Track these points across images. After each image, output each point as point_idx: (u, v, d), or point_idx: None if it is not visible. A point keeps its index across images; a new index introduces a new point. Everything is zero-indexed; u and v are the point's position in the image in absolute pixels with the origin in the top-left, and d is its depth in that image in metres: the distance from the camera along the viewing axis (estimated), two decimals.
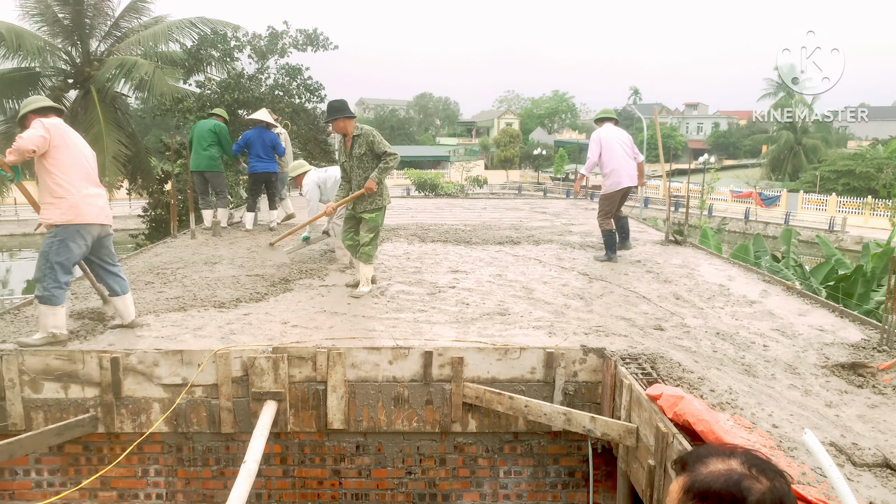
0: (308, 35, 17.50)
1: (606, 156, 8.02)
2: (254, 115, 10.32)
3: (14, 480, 4.92)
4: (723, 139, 79.57)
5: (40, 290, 4.77)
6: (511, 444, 5.00)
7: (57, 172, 4.73)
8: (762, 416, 3.83)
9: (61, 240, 4.74)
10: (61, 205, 4.72)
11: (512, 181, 63.43)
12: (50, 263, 4.73)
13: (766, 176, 49.04)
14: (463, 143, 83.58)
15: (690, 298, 6.49)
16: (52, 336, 4.79)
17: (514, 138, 72.60)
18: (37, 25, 16.99)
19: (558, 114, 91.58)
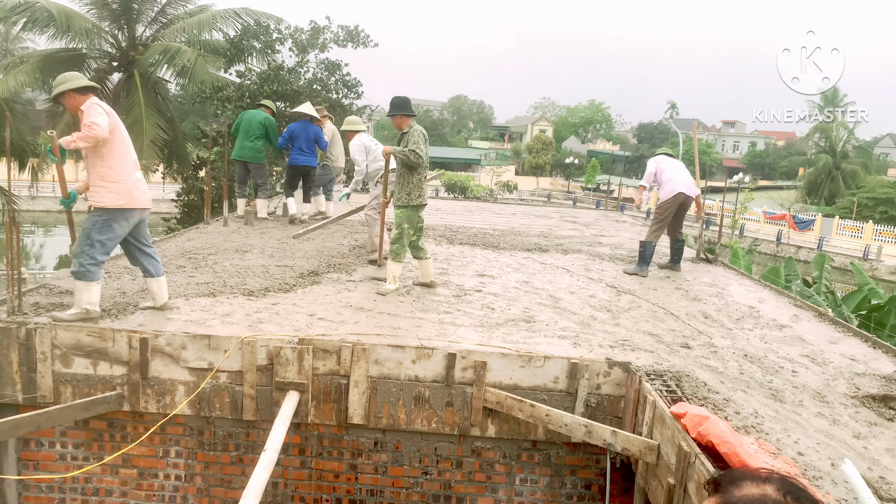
0: (349, 31, 17.63)
1: (663, 169, 8.39)
2: (298, 109, 10.42)
3: (39, 451, 5.03)
4: (759, 159, 78.51)
5: (77, 265, 4.88)
6: (529, 451, 4.98)
7: (110, 157, 4.84)
8: (788, 442, 3.77)
9: (106, 220, 4.86)
10: (114, 188, 4.84)
11: (542, 188, 63.17)
12: (91, 240, 4.85)
13: (802, 199, 48.24)
14: (495, 148, 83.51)
15: (719, 318, 6.41)
16: (86, 312, 4.89)
17: (547, 145, 72.36)
18: (86, 8, 17.35)
19: (593, 123, 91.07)
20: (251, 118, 10.15)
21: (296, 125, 10.08)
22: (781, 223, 36.75)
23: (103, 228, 4.88)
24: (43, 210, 34.46)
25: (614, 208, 20.37)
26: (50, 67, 16.64)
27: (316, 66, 17.74)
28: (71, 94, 4.88)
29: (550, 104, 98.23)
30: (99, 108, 4.79)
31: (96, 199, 4.86)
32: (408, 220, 6.52)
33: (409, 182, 6.49)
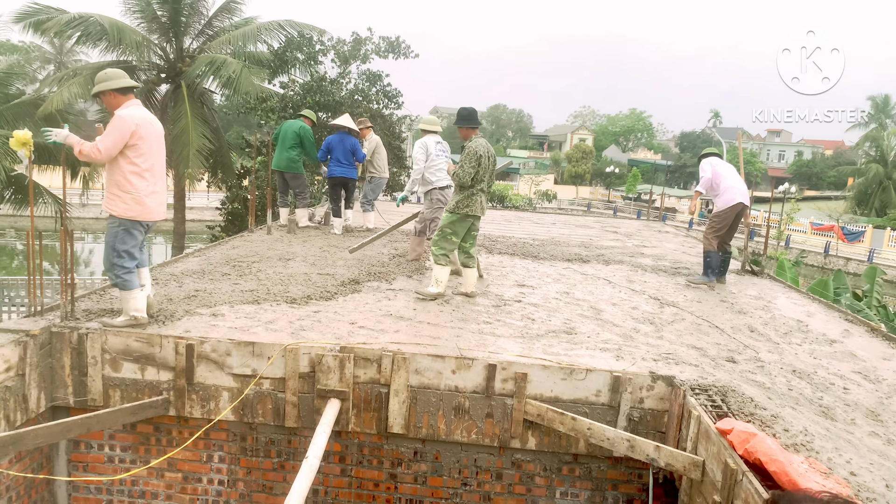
0: (390, 42, 17.83)
1: (721, 175, 8.12)
2: (336, 121, 10.54)
3: (89, 453, 5.16)
4: (805, 168, 76.68)
5: (113, 277, 4.99)
6: (570, 465, 4.93)
7: (128, 168, 4.84)
8: (839, 462, 3.65)
9: (125, 229, 4.92)
10: (127, 199, 4.86)
11: (581, 197, 62.74)
12: (117, 252, 4.92)
13: (851, 210, 46.88)
14: (534, 157, 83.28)
15: (766, 332, 6.26)
16: (134, 319, 5.01)
17: (587, 154, 71.89)
18: (137, 21, 17.89)
19: (634, 132, 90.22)
20: (287, 128, 10.33)
21: (333, 137, 10.21)
22: (829, 234, 35.80)
23: (125, 238, 4.93)
24: (93, 217, 35.46)
25: (656, 218, 20.08)
26: None
27: (357, 76, 17.98)
28: (111, 94, 4.87)
29: (591, 113, 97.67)
30: (121, 125, 4.74)
31: (109, 205, 4.90)
32: (451, 225, 6.62)
33: (460, 191, 6.62)
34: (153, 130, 4.97)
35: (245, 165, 19.08)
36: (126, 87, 4.90)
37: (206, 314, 5.51)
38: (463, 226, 6.64)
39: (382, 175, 11.18)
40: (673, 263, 9.76)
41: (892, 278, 24.37)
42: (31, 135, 4.83)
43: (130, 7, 17.61)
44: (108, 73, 4.93)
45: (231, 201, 18.39)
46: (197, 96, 18.01)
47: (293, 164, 10.31)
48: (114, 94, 4.88)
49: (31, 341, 4.68)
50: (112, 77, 4.88)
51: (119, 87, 4.87)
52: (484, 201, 6.70)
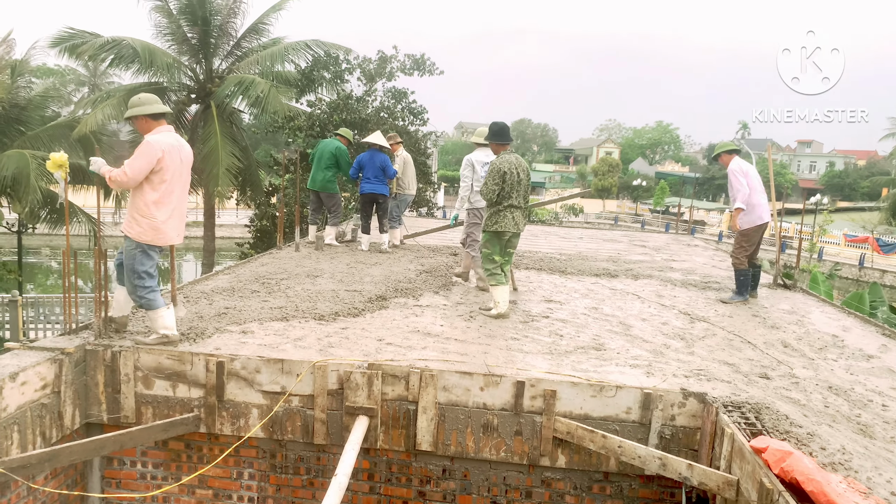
0: (415, 60, 17.98)
1: (753, 188, 7.79)
2: (367, 139, 10.64)
3: (122, 470, 5.23)
4: (838, 179, 75.38)
5: (136, 299, 5.06)
6: (601, 483, 4.86)
7: (151, 194, 4.92)
8: (879, 481, 3.55)
9: (142, 251, 5.00)
10: (143, 224, 4.94)
11: (608, 211, 62.32)
12: (137, 273, 5.00)
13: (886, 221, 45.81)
14: (559, 171, 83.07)
15: (800, 347, 6.13)
16: (165, 337, 5.07)
17: (613, 167, 71.52)
18: (167, 44, 18.32)
19: (661, 145, 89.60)
20: (324, 148, 10.45)
21: (363, 155, 10.30)
22: (864, 246, 35.06)
23: (143, 260, 5.01)
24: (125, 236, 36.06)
25: (685, 231, 19.86)
26: None
27: (383, 94, 18.14)
28: (143, 119, 4.99)
29: (616, 126, 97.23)
30: (149, 151, 4.82)
31: (127, 227, 5.00)
32: (486, 244, 6.66)
33: (489, 208, 6.65)
34: (178, 157, 5.04)
35: (273, 183, 19.33)
36: (157, 112, 5.01)
37: (236, 331, 5.57)
38: (498, 243, 6.63)
39: (409, 191, 11.24)
40: (703, 278, 9.63)
41: None
42: (66, 157, 4.96)
43: (161, 30, 18.05)
44: (141, 97, 5.04)
45: (260, 218, 18.61)
46: (226, 116, 18.34)
47: (329, 183, 10.41)
48: (146, 119, 5.00)
49: (66, 359, 4.77)
50: (145, 102, 5.00)
51: (151, 113, 4.98)
52: (518, 217, 6.62)
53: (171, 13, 18.00)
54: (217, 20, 18.41)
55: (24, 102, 17.09)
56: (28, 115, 17.08)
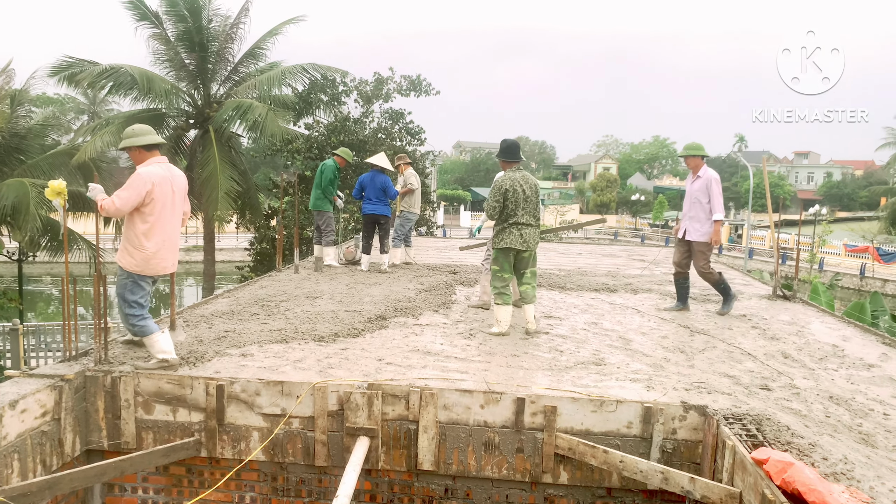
0: (412, 81, 18.14)
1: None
2: (370, 160, 10.77)
3: (123, 496, 5.20)
4: (836, 190, 75.62)
5: (129, 327, 5.12)
6: (603, 499, 4.84)
7: (141, 226, 4.98)
8: (882, 490, 3.54)
9: (133, 281, 5.08)
10: (136, 255, 5.01)
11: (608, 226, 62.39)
12: (128, 303, 5.07)
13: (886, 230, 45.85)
14: (558, 187, 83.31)
15: (800, 358, 6.13)
16: (165, 361, 5.08)
17: (612, 183, 71.75)
18: (165, 70, 18.49)
19: (658, 159, 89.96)
20: (319, 168, 10.66)
21: (365, 176, 10.42)
22: (865, 256, 35.05)
23: (133, 289, 5.08)
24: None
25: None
26: None
27: (380, 115, 18.28)
28: (137, 149, 5.05)
29: (613, 142, 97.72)
30: (138, 182, 4.86)
31: (119, 257, 5.06)
32: (495, 261, 6.69)
33: (495, 225, 6.68)
34: (169, 188, 5.09)
35: (272, 206, 19.40)
36: (151, 143, 5.05)
37: (236, 354, 5.57)
38: (506, 260, 6.61)
39: (412, 210, 11.30)
40: (702, 290, 9.64)
41: None
42: (65, 184, 4.99)
43: (159, 57, 18.23)
44: (135, 128, 5.10)
45: (259, 241, 18.67)
46: (224, 140, 18.46)
47: (318, 201, 10.57)
48: (139, 150, 5.06)
49: (66, 386, 4.77)
50: (138, 133, 5.05)
51: (144, 144, 5.04)
52: (526, 234, 6.53)
53: (168, 40, 18.18)
54: (214, 46, 18.60)
55: (23, 132, 17.19)
56: (28, 144, 17.18)
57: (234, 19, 18.70)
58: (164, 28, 18.11)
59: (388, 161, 10.83)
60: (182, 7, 17.81)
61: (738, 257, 36.55)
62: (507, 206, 6.50)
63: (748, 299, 9.15)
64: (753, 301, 9.04)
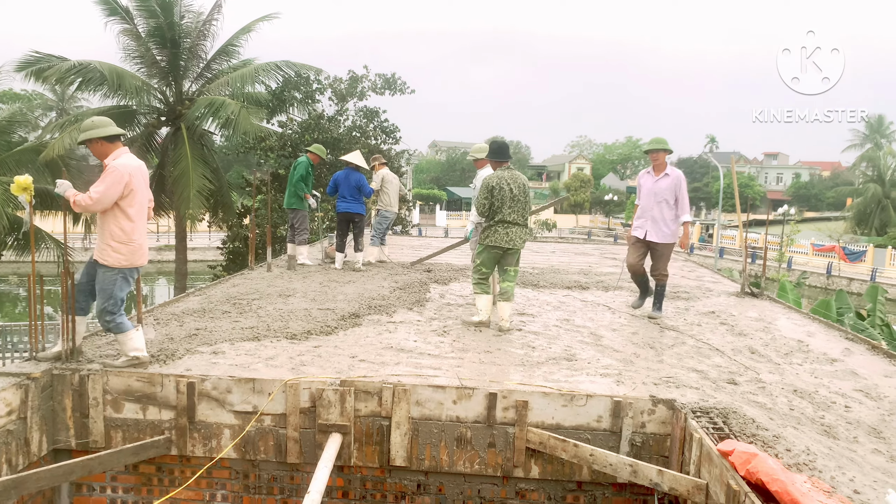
0: (386, 79, 18.12)
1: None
2: (345, 157, 10.73)
3: (91, 496, 5.13)
4: (804, 190, 77.08)
5: (107, 323, 5.02)
6: (574, 493, 4.89)
7: (123, 219, 4.92)
8: (843, 480, 3.64)
9: (123, 277, 5.02)
10: (122, 250, 4.94)
11: (581, 226, 62.93)
12: (115, 299, 5.00)
13: (851, 230, 46.95)
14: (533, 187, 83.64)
15: (766, 353, 6.26)
16: (136, 359, 5.02)
17: (585, 183, 72.26)
18: (136, 67, 18.21)
19: (631, 159, 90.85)
20: (293, 165, 10.62)
21: (339, 173, 10.40)
22: (831, 255, 35.80)
23: (122, 286, 5.04)
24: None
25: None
26: None
27: (355, 113, 18.22)
28: (99, 142, 4.91)
29: (587, 142, 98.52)
30: (117, 176, 4.79)
31: (103, 257, 4.95)
32: (478, 255, 6.83)
33: (483, 223, 6.77)
34: (142, 178, 5.06)
35: (245, 204, 19.23)
36: (113, 135, 4.95)
37: (207, 352, 5.53)
38: (489, 257, 6.72)
39: (389, 208, 11.28)
40: (672, 288, 9.77)
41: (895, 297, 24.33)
42: (31, 180, 4.91)
43: (130, 53, 17.95)
44: (94, 121, 4.98)
45: (232, 240, 18.51)
46: (197, 138, 18.25)
47: (291, 199, 10.53)
48: (101, 142, 4.92)
49: (32, 384, 4.69)
50: (99, 125, 4.93)
51: (106, 136, 4.92)
52: (512, 233, 6.57)
53: (139, 36, 17.91)
54: (187, 43, 18.37)
55: None
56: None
57: (207, 16, 18.49)
58: (135, 24, 17.82)
59: (364, 159, 10.81)
60: (153, 2, 17.54)
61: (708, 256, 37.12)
62: (493, 203, 6.54)
63: (717, 296, 9.30)
64: (722, 298, 9.20)
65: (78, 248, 25.07)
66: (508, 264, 6.77)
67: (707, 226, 53.09)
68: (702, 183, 76.34)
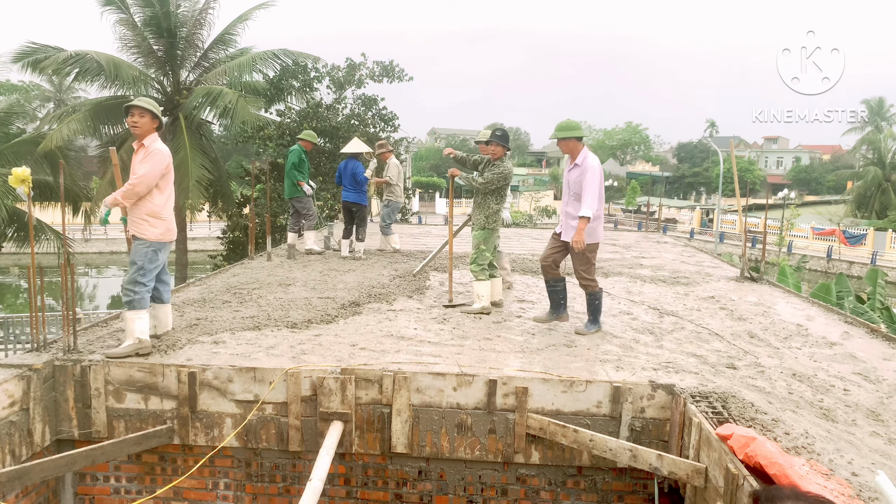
0: (384, 67, 18.03)
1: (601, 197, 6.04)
2: (344, 149, 10.74)
3: (95, 486, 5.17)
4: (804, 174, 76.90)
5: (130, 294, 5.14)
6: (574, 478, 4.93)
7: (158, 196, 5.21)
8: (841, 462, 3.66)
9: (154, 250, 5.22)
10: (158, 224, 5.21)
11: None
12: (143, 270, 5.18)
13: (851, 213, 46.88)
14: (533, 174, 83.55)
15: (765, 337, 6.28)
16: (139, 342, 5.07)
17: None
18: (133, 56, 18.11)
19: (631, 145, 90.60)
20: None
21: (342, 164, 10.43)
22: (832, 239, 35.79)
23: (152, 258, 5.23)
24: (96, 252, 35.61)
25: (656, 230, 20.11)
26: (100, 115, 17.38)
27: (353, 101, 18.14)
28: (148, 117, 5.22)
29: (586, 128, 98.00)
30: (160, 157, 5.15)
31: (141, 231, 5.19)
32: (484, 241, 6.87)
33: (487, 207, 6.83)
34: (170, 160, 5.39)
35: (244, 194, 19.20)
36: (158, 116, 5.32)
37: (208, 342, 5.55)
38: (492, 239, 6.94)
39: (397, 199, 11.29)
40: (672, 273, 9.79)
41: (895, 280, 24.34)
42: (29, 171, 4.93)
43: (126, 43, 17.84)
44: (149, 100, 5.34)
45: (232, 230, 18.49)
46: (195, 128, 18.19)
47: (291, 188, 10.46)
48: (149, 118, 5.24)
49: (34, 375, 4.72)
50: (153, 104, 5.32)
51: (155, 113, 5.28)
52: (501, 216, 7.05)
53: (135, 25, 17.80)
54: (183, 32, 18.25)
55: None
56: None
57: (203, 4, 18.36)
58: (131, 13, 17.70)
59: (362, 144, 10.77)
60: None
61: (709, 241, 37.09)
62: (505, 189, 6.87)
63: (717, 281, 9.31)
64: (722, 283, 9.21)
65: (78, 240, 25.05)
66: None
67: (707, 210, 53.06)
68: (702, 168, 76.17)
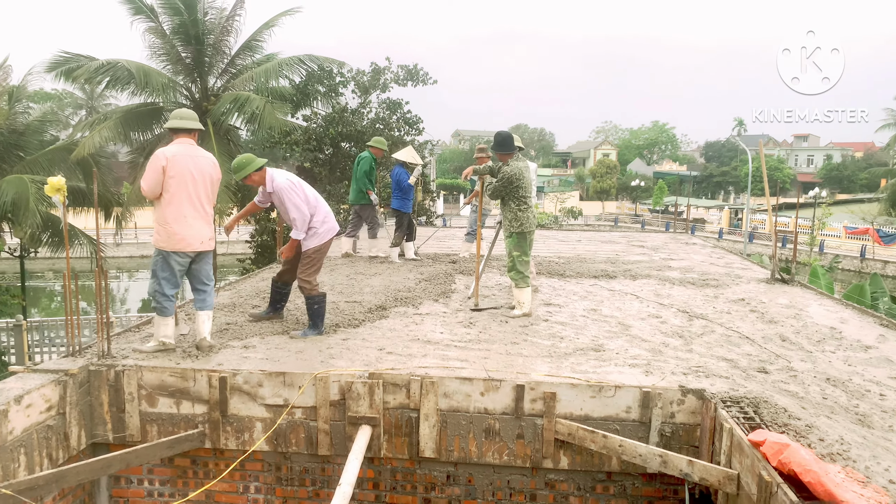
0: (409, 70, 18.09)
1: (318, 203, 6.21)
2: (395, 155, 10.82)
3: (129, 488, 5.27)
4: (836, 172, 75.44)
5: (154, 302, 5.34)
6: (604, 483, 4.90)
7: (163, 203, 5.24)
8: (878, 470, 3.59)
9: (163, 258, 5.30)
10: (161, 231, 5.27)
11: (608, 213, 62.38)
12: (157, 279, 5.30)
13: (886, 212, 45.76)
14: (558, 174, 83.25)
15: (798, 341, 6.17)
16: (162, 344, 5.30)
17: (611, 169, 71.63)
18: (162, 64, 18.40)
19: (658, 144, 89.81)
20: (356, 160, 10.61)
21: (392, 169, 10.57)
22: (865, 238, 35.07)
23: (163, 266, 5.31)
24: (126, 256, 36.25)
25: (684, 230, 19.89)
26: (131, 122, 17.69)
27: (378, 105, 18.22)
28: (169, 131, 5.44)
29: (613, 128, 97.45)
30: (152, 162, 5.18)
31: (154, 237, 5.35)
32: (518, 246, 6.84)
33: (508, 211, 6.85)
34: (187, 164, 5.28)
35: None
36: (173, 127, 5.42)
37: (238, 346, 5.62)
38: (525, 243, 6.88)
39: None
40: (701, 275, 9.68)
41: None
42: (64, 181, 5.05)
43: (156, 50, 18.13)
44: (175, 112, 5.47)
45: (260, 234, 18.67)
46: (223, 133, 18.41)
47: (357, 195, 10.48)
48: (169, 131, 5.46)
49: (70, 380, 4.82)
50: (172, 116, 5.45)
51: (170, 127, 5.42)
52: (533, 216, 6.98)
53: (164, 34, 18.09)
54: (210, 39, 18.51)
55: (22, 128, 17.17)
56: (26, 140, 17.17)
57: (230, 12, 18.59)
58: (160, 21, 18.00)
59: (415, 155, 10.75)
60: (177, 0, 17.72)
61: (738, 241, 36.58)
62: (519, 191, 6.75)
63: (747, 283, 9.18)
64: (752, 285, 9.08)
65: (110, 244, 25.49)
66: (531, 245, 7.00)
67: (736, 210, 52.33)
68: (730, 167, 75.18)
